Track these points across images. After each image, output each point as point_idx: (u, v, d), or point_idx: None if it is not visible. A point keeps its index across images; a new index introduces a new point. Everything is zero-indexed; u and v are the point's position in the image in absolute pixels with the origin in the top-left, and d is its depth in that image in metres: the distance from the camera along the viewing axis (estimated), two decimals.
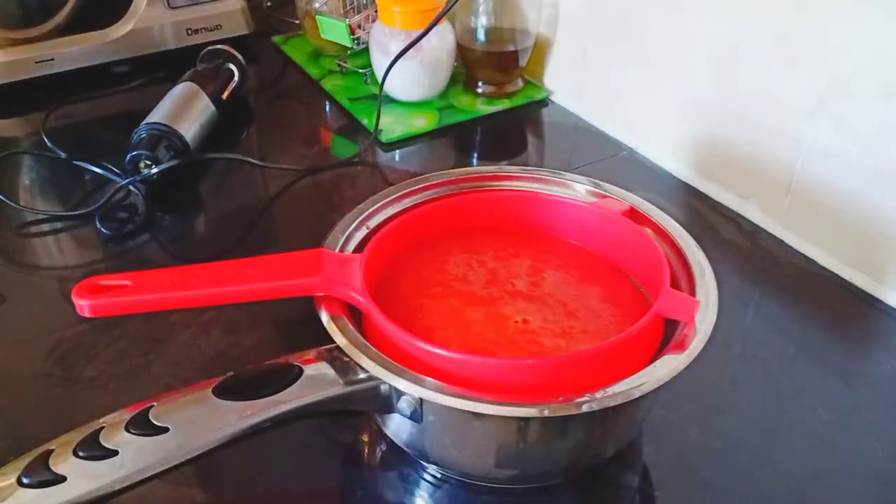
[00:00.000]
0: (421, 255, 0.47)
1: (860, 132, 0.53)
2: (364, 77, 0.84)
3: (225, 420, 0.35)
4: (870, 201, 0.54)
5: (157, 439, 0.35)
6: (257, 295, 0.41)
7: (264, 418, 0.36)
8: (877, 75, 0.51)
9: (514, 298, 0.44)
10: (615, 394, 0.35)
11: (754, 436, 0.45)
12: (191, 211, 0.68)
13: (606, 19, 0.73)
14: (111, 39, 0.84)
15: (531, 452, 0.38)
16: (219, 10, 0.88)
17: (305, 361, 0.38)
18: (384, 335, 0.39)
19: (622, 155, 0.73)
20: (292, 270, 0.41)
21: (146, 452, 0.34)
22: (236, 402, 0.36)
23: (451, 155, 0.75)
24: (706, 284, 0.40)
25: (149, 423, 0.35)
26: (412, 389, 0.35)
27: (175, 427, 0.35)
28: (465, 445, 0.39)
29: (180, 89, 0.72)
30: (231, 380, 0.37)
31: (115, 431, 0.35)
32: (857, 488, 0.42)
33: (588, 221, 0.48)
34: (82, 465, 0.34)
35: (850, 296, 0.55)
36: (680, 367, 0.36)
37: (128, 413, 0.36)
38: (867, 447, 0.44)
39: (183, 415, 0.36)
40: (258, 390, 0.36)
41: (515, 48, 0.79)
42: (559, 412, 0.34)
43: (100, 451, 0.34)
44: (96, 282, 0.41)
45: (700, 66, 0.64)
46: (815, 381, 0.49)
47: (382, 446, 0.44)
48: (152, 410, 0.35)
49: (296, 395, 0.36)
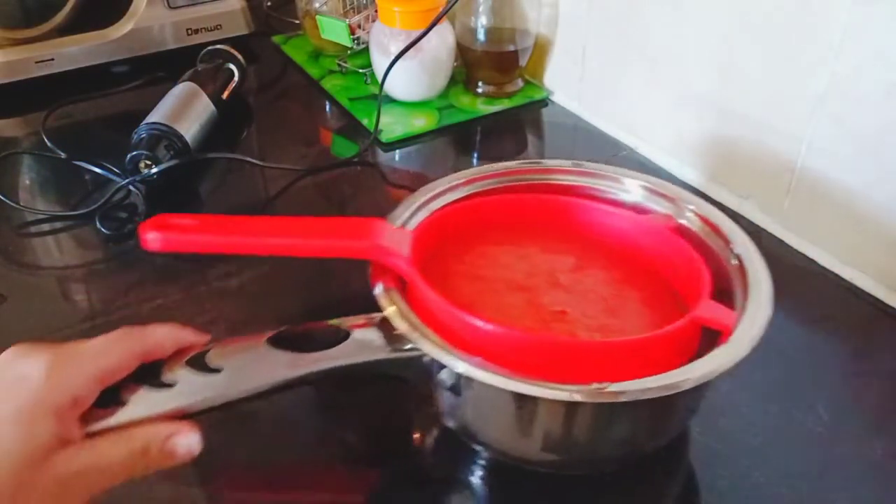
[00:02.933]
0: (470, 242, 0.48)
1: (860, 132, 0.53)
2: (364, 77, 0.84)
3: (273, 368, 0.39)
4: (870, 201, 0.54)
5: (210, 378, 0.38)
6: (313, 250, 0.43)
7: (310, 371, 0.39)
8: (877, 75, 0.51)
9: (555, 289, 0.44)
10: (649, 388, 0.35)
11: (754, 436, 0.45)
12: (191, 211, 0.68)
13: (606, 19, 0.73)
14: (111, 39, 0.84)
15: (575, 438, 0.39)
16: (219, 10, 0.88)
17: (354, 326, 0.40)
18: (426, 306, 0.40)
19: (622, 155, 0.73)
20: (347, 233, 0.44)
21: (199, 388, 0.38)
22: (287, 353, 0.39)
23: (451, 155, 0.75)
24: (760, 300, 0.40)
25: (205, 363, 0.38)
26: (453, 363, 0.37)
27: (228, 369, 0.38)
28: (501, 423, 0.40)
29: (180, 89, 0.72)
30: (285, 333, 0.40)
31: (175, 368, 0.38)
32: (857, 488, 0.42)
33: (633, 231, 0.48)
34: (143, 393, 0.37)
35: (850, 296, 0.55)
36: (720, 369, 0.36)
37: (188, 353, 0.39)
38: (867, 447, 0.44)
39: (236, 359, 0.39)
40: (308, 345, 0.39)
41: (515, 48, 0.79)
42: (591, 398, 0.35)
43: (159, 383, 0.38)
44: (165, 219, 0.43)
45: (700, 66, 0.64)
46: (814, 380, 0.49)
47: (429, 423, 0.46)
48: (209, 353, 0.39)
49: (342, 354, 0.39)
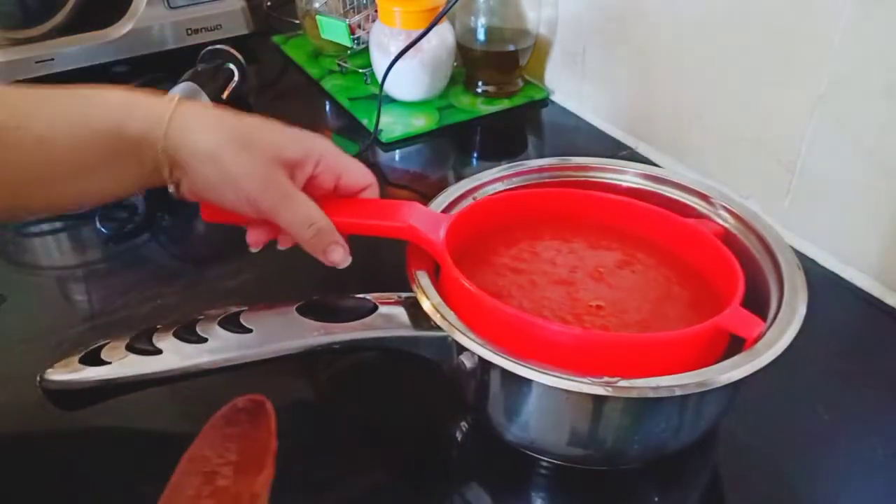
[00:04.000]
0: (511, 233, 0.48)
1: (860, 132, 0.53)
2: (364, 77, 0.84)
3: (300, 333, 0.41)
4: (870, 201, 0.54)
5: (241, 336, 0.41)
6: (352, 227, 0.44)
7: (334, 340, 0.41)
8: (877, 75, 0.51)
9: (597, 284, 0.44)
10: (651, 386, 0.35)
11: (755, 436, 0.45)
12: (191, 211, 0.67)
13: (606, 19, 0.73)
14: (111, 39, 0.84)
15: (597, 430, 0.39)
16: (219, 10, 0.88)
17: (383, 302, 0.43)
18: (453, 288, 0.41)
19: (622, 155, 0.73)
20: (385, 213, 0.45)
21: (230, 345, 0.41)
22: (314, 321, 0.41)
23: (451, 155, 0.75)
24: (795, 310, 0.39)
25: (238, 322, 0.41)
26: (473, 347, 0.38)
27: (258, 330, 0.41)
28: (513, 410, 0.40)
29: (180, 89, 0.72)
30: (314, 302, 0.43)
31: (210, 324, 0.41)
32: (857, 488, 0.42)
33: (677, 232, 0.47)
34: (178, 344, 0.41)
35: (850, 296, 0.55)
36: (712, 384, 0.36)
37: (223, 312, 0.42)
38: (867, 447, 0.44)
39: (267, 322, 0.42)
40: (336, 315, 0.42)
41: (515, 48, 0.79)
42: (594, 389, 0.35)
43: (194, 336, 0.41)
44: None
45: (699, 66, 0.64)
46: (815, 381, 0.49)
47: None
48: (243, 314, 0.42)
49: (367, 326, 0.41)
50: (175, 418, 0.47)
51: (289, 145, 0.43)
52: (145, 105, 0.41)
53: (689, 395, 0.36)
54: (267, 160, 0.42)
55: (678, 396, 0.36)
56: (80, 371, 0.41)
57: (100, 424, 0.45)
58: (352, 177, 0.46)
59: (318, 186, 0.45)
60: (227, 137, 0.41)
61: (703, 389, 0.35)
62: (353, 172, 0.46)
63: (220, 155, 0.41)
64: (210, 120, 0.42)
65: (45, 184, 0.41)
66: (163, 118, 0.41)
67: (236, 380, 0.42)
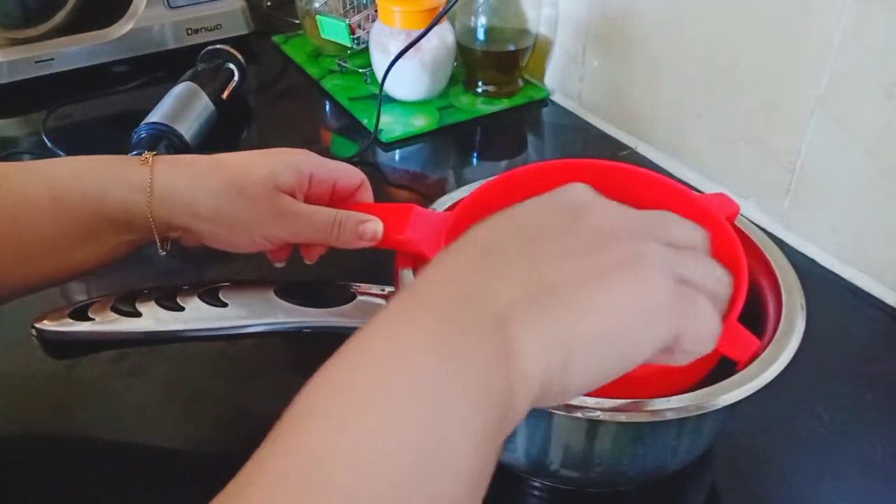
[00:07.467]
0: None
1: (860, 132, 0.53)
2: (364, 77, 0.84)
3: (272, 313, 0.43)
4: (870, 201, 0.54)
5: (216, 310, 0.43)
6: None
7: (305, 323, 0.43)
8: (877, 75, 0.51)
9: None
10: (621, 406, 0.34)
11: (754, 435, 0.45)
12: None
13: (606, 19, 0.73)
14: (111, 39, 0.84)
15: (592, 452, 0.38)
16: (219, 10, 0.88)
17: (363, 293, 0.44)
18: None
19: (622, 155, 0.73)
20: (384, 216, 0.44)
21: (204, 315, 0.43)
22: (288, 303, 0.43)
23: (451, 155, 0.75)
24: (787, 341, 0.38)
25: (217, 296, 0.44)
26: None
27: (233, 305, 0.43)
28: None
29: (180, 89, 0.72)
30: (294, 285, 0.45)
31: (190, 295, 0.44)
32: (857, 488, 0.42)
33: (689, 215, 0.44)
34: (156, 310, 0.43)
35: (850, 296, 0.55)
36: (690, 412, 0.34)
37: (206, 286, 0.45)
38: (867, 447, 0.44)
39: (243, 299, 0.44)
40: (311, 301, 0.43)
41: (515, 48, 0.79)
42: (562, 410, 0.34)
43: (174, 304, 0.44)
44: None
45: (699, 66, 0.64)
46: (815, 381, 0.49)
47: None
48: (222, 290, 0.44)
49: (341, 314, 0.43)
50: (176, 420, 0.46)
51: (280, 173, 0.42)
52: (119, 173, 0.41)
53: (687, 418, 0.35)
54: (266, 196, 0.42)
55: (674, 420, 0.34)
56: (68, 325, 0.44)
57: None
58: (345, 180, 0.46)
59: (316, 199, 0.45)
60: (218, 189, 0.41)
61: (700, 412, 0.34)
62: (346, 176, 0.46)
63: (221, 210, 0.41)
64: (192, 176, 0.42)
65: (19, 262, 0.41)
66: (143, 189, 0.41)
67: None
